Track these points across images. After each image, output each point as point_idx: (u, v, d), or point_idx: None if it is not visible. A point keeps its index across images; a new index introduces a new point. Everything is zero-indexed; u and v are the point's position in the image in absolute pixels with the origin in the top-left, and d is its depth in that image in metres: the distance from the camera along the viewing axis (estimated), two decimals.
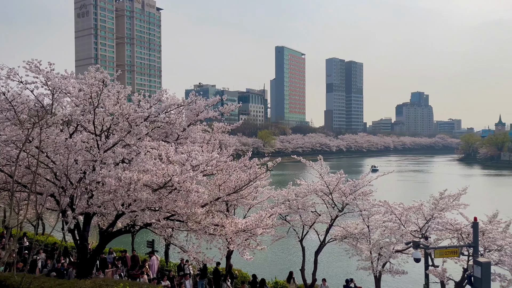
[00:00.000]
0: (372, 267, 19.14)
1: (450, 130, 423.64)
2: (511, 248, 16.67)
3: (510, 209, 51.83)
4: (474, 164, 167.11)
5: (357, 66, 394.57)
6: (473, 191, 72.22)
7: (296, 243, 23.07)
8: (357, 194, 20.49)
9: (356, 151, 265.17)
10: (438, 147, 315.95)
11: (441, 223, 18.25)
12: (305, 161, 22.16)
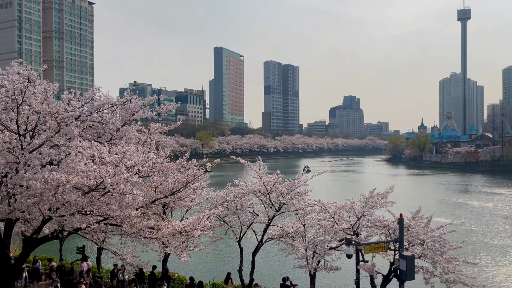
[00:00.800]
0: (307, 264, 19.72)
1: (379, 132, 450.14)
2: (432, 242, 18.00)
3: (431, 206, 56.21)
4: (400, 164, 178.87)
5: (294, 69, 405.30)
6: (399, 190, 77.26)
7: (234, 244, 23.14)
8: (294, 194, 20.99)
9: (293, 152, 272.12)
10: (368, 148, 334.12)
11: (371, 220, 19.24)
12: (244, 162, 22.30)
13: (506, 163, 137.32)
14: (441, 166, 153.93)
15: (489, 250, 35.96)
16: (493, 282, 27.98)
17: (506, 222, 48.80)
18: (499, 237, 40.88)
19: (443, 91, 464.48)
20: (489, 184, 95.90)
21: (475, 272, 28.48)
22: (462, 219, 50.62)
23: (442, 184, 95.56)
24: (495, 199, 67.98)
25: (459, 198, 71.03)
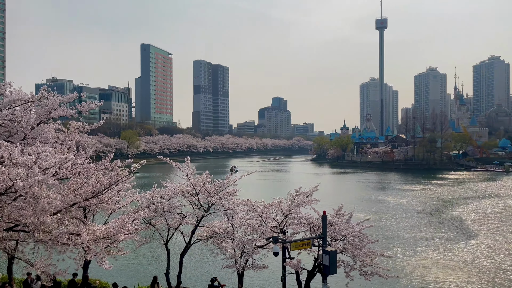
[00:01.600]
0: (235, 264, 19.84)
1: (305, 133, 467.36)
2: (352, 237, 19.08)
3: (352, 202, 59.51)
4: (324, 164, 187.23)
5: (224, 69, 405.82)
6: (323, 188, 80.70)
7: (162, 247, 22.55)
8: (223, 194, 21.00)
9: (223, 152, 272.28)
10: (295, 148, 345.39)
11: (297, 218, 19.91)
12: (172, 162, 21.82)
13: (417, 162, 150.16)
14: (361, 165, 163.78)
15: (402, 243, 39.00)
16: (405, 272, 30.38)
17: (417, 216, 53.28)
18: (411, 231, 44.51)
19: (363, 95, 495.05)
20: (403, 181, 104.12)
21: (389, 264, 30.73)
22: (379, 214, 54.29)
23: (362, 182, 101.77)
24: (408, 195, 73.94)
25: (376, 195, 76.14)
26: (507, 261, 32.89)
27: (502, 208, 59.30)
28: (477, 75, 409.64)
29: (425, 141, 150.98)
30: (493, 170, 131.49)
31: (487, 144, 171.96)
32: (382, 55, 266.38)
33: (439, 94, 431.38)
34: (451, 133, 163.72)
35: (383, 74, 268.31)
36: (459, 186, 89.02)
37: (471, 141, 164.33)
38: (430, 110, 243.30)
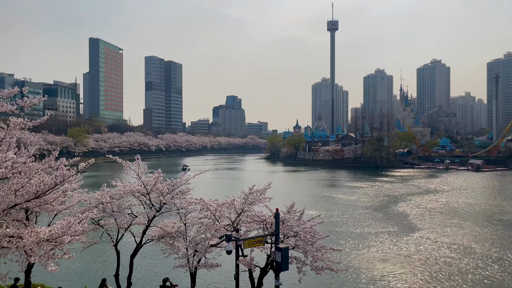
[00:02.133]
0: (188, 263, 19.62)
1: (259, 131, 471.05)
2: (304, 234, 19.48)
3: (304, 200, 60.83)
4: (277, 162, 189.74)
5: (177, 66, 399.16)
6: (277, 186, 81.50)
7: (111, 248, 21.83)
8: (175, 193, 20.67)
9: (176, 151, 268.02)
10: (249, 146, 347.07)
11: (250, 216, 20.02)
12: (122, 161, 21.13)
13: (366, 160, 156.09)
14: (313, 163, 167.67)
15: (351, 238, 40.42)
16: (353, 265, 31.54)
17: (366, 212, 55.42)
18: (360, 226, 46.23)
19: (315, 94, 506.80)
20: (352, 179, 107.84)
21: (339, 258, 31.75)
22: (330, 211, 55.90)
23: (314, 180, 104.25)
24: (357, 192, 76.72)
25: (327, 192, 78.32)
26: (447, 253, 35.05)
27: (442, 203, 63.11)
28: (420, 77, 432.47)
29: (373, 140, 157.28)
30: (434, 168, 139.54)
31: (429, 143, 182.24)
32: (333, 56, 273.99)
33: (386, 95, 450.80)
34: (397, 132, 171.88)
35: (334, 75, 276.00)
36: (404, 183, 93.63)
37: (415, 140, 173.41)
38: (378, 110, 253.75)
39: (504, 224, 46.90)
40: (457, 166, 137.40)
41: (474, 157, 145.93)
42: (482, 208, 58.80)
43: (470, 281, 28.12)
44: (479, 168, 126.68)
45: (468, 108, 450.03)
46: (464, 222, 47.95)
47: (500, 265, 31.58)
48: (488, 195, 72.81)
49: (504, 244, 37.74)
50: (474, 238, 40.17)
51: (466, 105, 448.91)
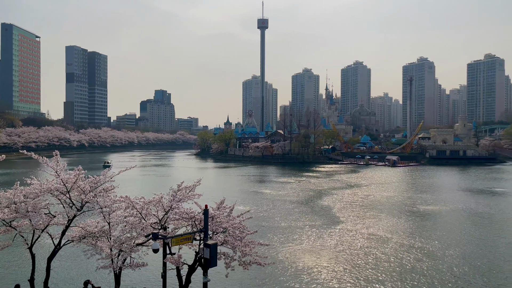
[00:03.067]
0: (112, 264, 18.81)
1: (189, 127, 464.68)
2: (233, 229, 19.63)
3: (234, 195, 61.22)
4: (208, 158, 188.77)
5: (101, 58, 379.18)
6: (207, 182, 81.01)
7: (25, 251, 20.19)
8: (98, 191, 19.70)
9: (100, 146, 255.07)
10: (179, 142, 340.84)
11: (178, 213, 19.69)
12: (38, 157, 19.63)
13: (293, 156, 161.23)
14: (243, 159, 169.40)
15: (279, 232, 41.54)
16: (280, 258, 32.47)
17: (293, 206, 57.27)
18: (287, 220, 47.67)
19: (246, 91, 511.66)
20: (281, 174, 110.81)
21: (267, 252, 32.48)
22: (259, 206, 56.93)
23: (244, 176, 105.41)
24: (285, 187, 79.00)
25: (257, 187, 79.65)
26: (366, 243, 37.46)
27: (362, 197, 67.29)
28: (344, 78, 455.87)
29: (301, 136, 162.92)
30: (356, 163, 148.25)
31: (351, 140, 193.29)
32: (263, 54, 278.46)
33: (313, 93, 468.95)
34: (323, 130, 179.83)
35: (264, 73, 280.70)
36: (328, 178, 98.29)
37: (339, 137, 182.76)
38: (305, 108, 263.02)
39: (415, 215, 51.26)
40: (376, 162, 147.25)
41: (390, 154, 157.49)
42: (397, 200, 63.70)
43: (386, 269, 30.34)
44: (395, 163, 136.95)
45: (386, 108, 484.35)
46: (381, 214, 51.57)
47: (412, 252, 34.48)
48: (402, 189, 79.06)
49: (415, 233, 41.24)
50: (390, 229, 43.39)
51: (385, 105, 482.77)
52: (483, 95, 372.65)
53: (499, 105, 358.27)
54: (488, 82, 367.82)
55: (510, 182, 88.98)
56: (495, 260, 32.53)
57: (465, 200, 62.81)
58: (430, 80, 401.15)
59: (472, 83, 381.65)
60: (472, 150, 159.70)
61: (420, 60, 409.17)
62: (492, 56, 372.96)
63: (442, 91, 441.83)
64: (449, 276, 28.63)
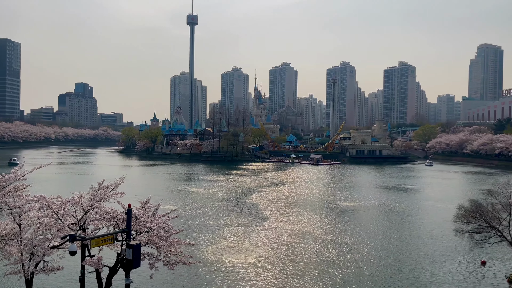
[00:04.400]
0: (23, 269, 17.35)
1: (113, 123, 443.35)
2: (158, 229, 19.15)
3: (160, 194, 59.81)
4: (133, 156, 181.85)
5: (14, 46, 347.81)
6: (131, 180, 78.17)
7: None
8: (7, 191, 18.07)
9: (11, 142, 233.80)
10: (101, 139, 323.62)
11: (99, 213, 18.74)
12: None
13: (222, 154, 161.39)
14: (170, 157, 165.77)
15: (206, 230, 41.38)
16: (206, 257, 32.38)
17: (221, 204, 57.36)
18: (215, 218, 47.64)
19: (174, 88, 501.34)
20: (209, 172, 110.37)
21: (193, 251, 32.21)
22: (186, 205, 56.20)
23: (171, 174, 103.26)
24: (214, 186, 78.83)
25: (184, 186, 78.51)
26: (291, 239, 38.74)
27: (287, 194, 69.47)
28: (272, 78, 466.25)
29: (230, 135, 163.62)
30: (282, 162, 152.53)
31: (278, 139, 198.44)
32: (193, 50, 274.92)
33: (242, 92, 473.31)
34: (251, 129, 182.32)
35: (193, 69, 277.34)
36: (256, 176, 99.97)
37: (267, 136, 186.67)
38: (234, 106, 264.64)
39: (336, 211, 54.12)
40: (301, 160, 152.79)
41: (314, 152, 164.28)
42: (319, 197, 66.73)
43: (309, 263, 31.65)
44: (318, 162, 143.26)
45: (311, 109, 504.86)
46: (304, 210, 53.66)
47: (333, 247, 36.36)
48: (324, 186, 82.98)
49: (336, 228, 43.54)
50: (313, 224, 45.33)
51: (310, 105, 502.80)
52: (397, 99, 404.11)
53: (411, 109, 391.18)
54: (401, 87, 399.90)
55: (418, 180, 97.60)
56: (406, 251, 35.47)
57: (380, 197, 67.67)
58: (351, 84, 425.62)
59: (388, 87, 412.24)
60: (387, 150, 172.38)
61: (343, 64, 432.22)
62: (405, 63, 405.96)
63: (362, 94, 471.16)
64: (365, 267, 30.66)
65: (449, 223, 36.27)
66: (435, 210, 55.68)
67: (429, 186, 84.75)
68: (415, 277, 28.81)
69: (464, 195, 65.32)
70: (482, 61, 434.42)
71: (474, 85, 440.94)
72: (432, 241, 38.44)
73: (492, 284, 27.34)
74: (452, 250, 35.02)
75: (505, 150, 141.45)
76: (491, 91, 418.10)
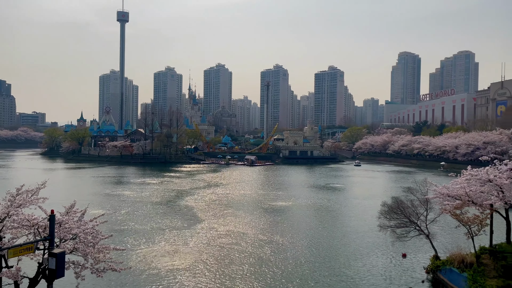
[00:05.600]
0: None
1: (34, 123, 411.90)
2: (84, 235, 18.13)
3: (87, 199, 56.70)
4: (57, 158, 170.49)
5: None
6: (55, 185, 73.43)
7: None
8: None
9: None
10: (21, 140, 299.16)
11: (18, 220, 17.32)
12: None
13: (155, 156, 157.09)
14: (99, 159, 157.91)
15: (137, 235, 39.96)
16: (138, 262, 31.28)
17: (154, 208, 55.74)
18: (147, 222, 46.17)
19: (103, 87, 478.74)
20: (141, 175, 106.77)
21: (123, 257, 30.95)
22: (117, 209, 53.84)
23: (100, 177, 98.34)
24: (146, 189, 76.38)
25: (114, 189, 75.16)
26: (225, 241, 38.70)
27: (222, 195, 69.41)
28: (207, 79, 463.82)
29: (163, 136, 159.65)
30: (217, 163, 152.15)
31: (213, 140, 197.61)
32: (123, 48, 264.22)
33: (176, 92, 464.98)
34: (185, 130, 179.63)
35: (124, 68, 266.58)
36: (190, 178, 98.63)
37: (201, 137, 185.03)
38: (168, 107, 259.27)
39: (269, 211, 55.12)
40: (236, 162, 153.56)
41: (249, 153, 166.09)
42: (253, 197, 67.53)
43: (243, 263, 31.84)
44: (253, 163, 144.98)
45: (246, 110, 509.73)
46: (239, 211, 53.97)
47: (267, 247, 36.94)
48: (258, 186, 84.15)
49: (269, 228, 44.31)
50: (247, 225, 45.72)
51: (244, 107, 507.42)
52: (327, 102, 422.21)
53: (339, 112, 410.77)
54: (331, 91, 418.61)
55: (346, 179, 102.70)
56: (335, 248, 37.08)
57: (311, 196, 70.13)
58: (284, 86, 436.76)
59: (318, 91, 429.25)
60: (318, 151, 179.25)
61: (276, 67, 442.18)
62: (334, 68, 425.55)
63: (294, 97, 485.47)
64: (297, 265, 31.55)
65: (374, 219, 38.55)
66: (362, 207, 58.92)
67: (356, 184, 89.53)
68: (343, 272, 30.23)
69: (387, 192, 69.87)
70: (402, 68, 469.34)
71: (395, 90, 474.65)
72: (359, 237, 40.61)
73: (412, 275, 29.52)
74: (377, 245, 37.27)
75: (422, 150, 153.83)
76: (410, 96, 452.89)
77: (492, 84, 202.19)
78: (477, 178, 27.79)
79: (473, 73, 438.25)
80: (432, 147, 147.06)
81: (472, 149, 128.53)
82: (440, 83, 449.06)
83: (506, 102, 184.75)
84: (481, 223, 26.41)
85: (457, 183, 28.39)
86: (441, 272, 27.55)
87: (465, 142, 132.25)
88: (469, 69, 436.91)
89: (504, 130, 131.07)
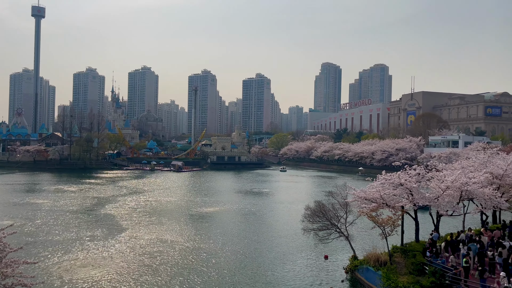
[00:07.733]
0: None
1: None
2: None
3: None
4: None
5: None
6: None
7: None
8: None
9: None
10: None
11: None
12: None
13: (73, 161, 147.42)
14: (8, 165, 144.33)
15: (52, 247, 37.08)
16: (53, 276, 29.04)
17: (72, 217, 52.15)
18: (63, 233, 43.06)
19: (14, 86, 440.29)
20: (58, 182, 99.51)
21: (35, 271, 28.56)
22: (29, 219, 49.59)
23: (9, 185, 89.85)
24: (63, 197, 71.28)
25: (27, 198, 69.13)
26: (148, 249, 37.39)
27: (146, 202, 67.15)
28: (132, 81, 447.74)
29: (82, 140, 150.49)
30: (142, 169, 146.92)
31: (138, 145, 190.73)
32: (38, 46, 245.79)
33: (98, 95, 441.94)
34: (108, 134, 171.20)
35: (39, 67, 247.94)
36: (112, 185, 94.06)
37: (125, 142, 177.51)
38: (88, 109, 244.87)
39: (196, 217, 54.47)
40: (162, 167, 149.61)
41: (176, 159, 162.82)
42: (180, 204, 66.27)
43: (170, 272, 31.00)
44: (180, 168, 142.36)
45: (173, 115, 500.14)
46: (164, 219, 52.57)
47: (194, 253, 36.38)
48: (184, 193, 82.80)
49: (196, 235, 43.71)
50: (173, 232, 44.68)
51: (171, 111, 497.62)
52: (254, 109, 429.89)
53: (266, 118, 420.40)
54: (258, 98, 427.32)
55: (272, 184, 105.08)
56: (262, 252, 37.63)
57: (238, 201, 70.65)
58: (212, 92, 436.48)
59: (246, 97, 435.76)
60: (245, 156, 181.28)
61: (204, 72, 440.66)
62: (261, 75, 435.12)
63: (222, 103, 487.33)
64: (225, 271, 31.49)
65: (298, 223, 39.83)
66: (287, 211, 60.63)
67: (282, 189, 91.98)
68: (270, 275, 30.78)
69: (311, 197, 72.70)
70: (325, 78, 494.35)
71: (318, 98, 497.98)
72: (284, 241, 41.68)
73: (333, 275, 30.95)
74: (301, 248, 38.55)
75: (342, 156, 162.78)
76: (332, 104, 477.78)
77: (403, 96, 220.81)
78: (390, 182, 30.07)
79: (387, 84, 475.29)
80: (352, 153, 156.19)
81: (386, 155, 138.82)
82: (359, 93, 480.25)
83: (415, 112, 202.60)
84: (394, 224, 28.51)
85: (373, 187, 30.40)
86: (359, 271, 29.27)
87: (380, 149, 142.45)
88: (384, 81, 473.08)
89: (413, 138, 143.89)
